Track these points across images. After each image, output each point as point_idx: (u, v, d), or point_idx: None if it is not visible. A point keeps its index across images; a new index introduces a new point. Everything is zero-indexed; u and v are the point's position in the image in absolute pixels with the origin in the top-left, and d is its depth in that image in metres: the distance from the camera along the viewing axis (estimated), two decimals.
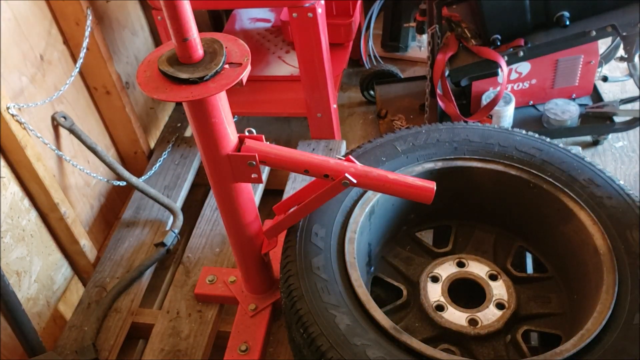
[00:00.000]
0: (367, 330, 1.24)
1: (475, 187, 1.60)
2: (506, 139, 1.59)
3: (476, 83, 2.20)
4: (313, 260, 1.37)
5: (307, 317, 1.27)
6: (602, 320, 1.23)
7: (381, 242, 1.64)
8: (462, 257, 1.56)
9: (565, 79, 2.23)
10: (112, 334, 1.76)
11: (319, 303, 1.28)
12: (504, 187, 1.56)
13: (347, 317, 1.26)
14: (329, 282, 1.33)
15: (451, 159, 1.59)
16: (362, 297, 1.30)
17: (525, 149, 1.56)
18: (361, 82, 2.64)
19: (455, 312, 1.44)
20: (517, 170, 1.54)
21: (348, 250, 1.39)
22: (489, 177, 1.57)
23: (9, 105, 1.63)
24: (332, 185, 1.33)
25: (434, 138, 1.62)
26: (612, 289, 1.27)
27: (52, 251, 1.86)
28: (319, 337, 1.23)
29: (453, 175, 1.58)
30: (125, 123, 2.20)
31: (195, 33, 1.15)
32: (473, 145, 1.60)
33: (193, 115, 1.28)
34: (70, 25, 1.92)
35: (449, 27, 2.12)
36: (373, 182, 1.34)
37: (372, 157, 1.57)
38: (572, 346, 1.20)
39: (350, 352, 1.20)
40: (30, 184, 1.74)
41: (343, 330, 1.23)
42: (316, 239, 1.41)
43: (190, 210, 2.18)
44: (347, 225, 1.44)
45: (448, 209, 1.66)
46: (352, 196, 1.51)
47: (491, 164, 1.56)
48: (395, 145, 1.61)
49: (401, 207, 1.62)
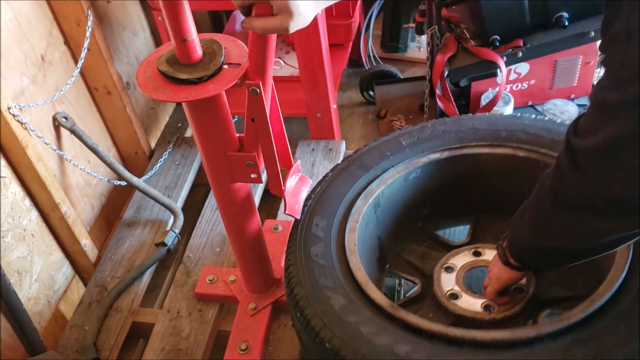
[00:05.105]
0: (362, 310, 1.22)
1: (486, 175, 1.55)
2: (514, 124, 1.55)
3: (475, 83, 2.20)
4: (312, 249, 1.35)
5: (303, 301, 1.26)
6: (614, 283, 1.17)
7: (394, 238, 1.60)
8: (479, 246, 1.51)
9: (564, 79, 2.23)
10: (112, 333, 1.77)
11: (315, 287, 1.27)
12: (515, 171, 1.50)
13: (343, 298, 1.25)
14: (327, 267, 1.32)
15: (457, 147, 1.54)
16: (360, 279, 1.28)
17: (534, 131, 1.51)
18: (361, 82, 2.64)
19: (469, 299, 1.39)
20: (526, 152, 1.48)
21: (348, 238, 1.37)
22: (498, 162, 1.52)
23: (10, 106, 1.64)
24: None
25: (440, 130, 1.58)
26: (626, 252, 1.21)
27: (53, 251, 1.87)
28: (313, 318, 1.22)
29: (461, 163, 1.54)
30: (126, 123, 2.21)
31: (195, 34, 1.16)
32: (480, 132, 1.55)
33: (192, 116, 1.29)
34: (71, 25, 1.93)
35: (448, 27, 2.13)
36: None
37: (377, 153, 1.55)
38: (581, 311, 1.14)
39: (343, 329, 1.18)
40: (31, 184, 1.75)
41: (338, 309, 1.22)
42: (316, 230, 1.40)
43: (190, 210, 2.19)
44: (349, 216, 1.42)
45: (462, 202, 1.60)
46: (355, 189, 1.49)
47: (499, 149, 1.51)
48: (400, 140, 1.58)
49: (411, 201, 1.58)
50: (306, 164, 2.18)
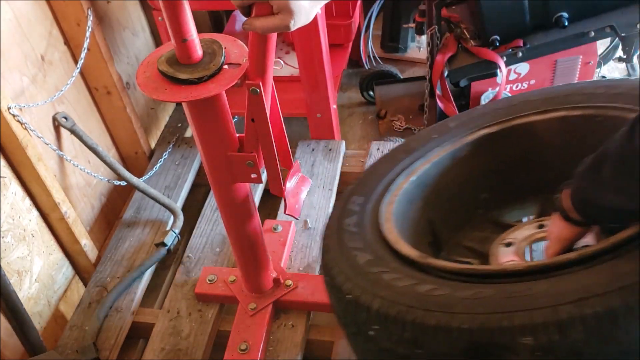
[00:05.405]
0: (389, 262, 1.17)
1: (543, 146, 1.43)
2: (570, 89, 1.44)
3: (475, 84, 2.20)
4: (345, 220, 1.32)
5: (331, 263, 1.23)
6: None
7: (451, 224, 1.48)
8: (545, 219, 1.34)
9: (564, 79, 2.23)
10: (112, 333, 1.77)
11: (344, 249, 1.23)
12: (573, 135, 1.38)
13: (369, 254, 1.20)
14: (359, 233, 1.27)
15: (507, 119, 1.43)
16: (390, 238, 1.22)
17: (590, 90, 1.39)
18: (361, 82, 2.64)
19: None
20: (581, 110, 1.36)
21: (385, 209, 1.31)
22: (552, 128, 1.40)
23: (10, 106, 1.64)
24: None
25: (490, 107, 1.50)
26: None
27: (53, 251, 1.87)
28: (337, 275, 1.18)
29: (513, 136, 1.43)
30: (126, 123, 2.21)
31: (195, 34, 1.16)
32: (532, 103, 1.44)
33: (192, 116, 1.29)
34: (71, 25, 1.93)
35: (448, 28, 2.13)
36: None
37: (422, 137, 1.49)
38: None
39: (364, 279, 1.13)
40: (31, 184, 1.75)
41: (362, 264, 1.17)
42: (352, 205, 1.36)
43: (190, 210, 2.19)
44: (387, 191, 1.36)
45: (523, 180, 1.47)
46: (397, 170, 1.42)
47: (551, 113, 1.39)
48: (448, 124, 1.51)
49: (465, 184, 1.47)
50: (306, 164, 2.18)
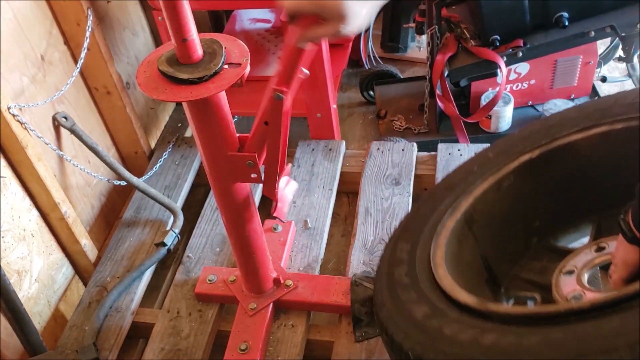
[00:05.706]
0: (447, 313, 1.13)
1: (589, 165, 1.39)
2: (608, 101, 1.40)
3: (475, 83, 2.21)
4: (395, 271, 1.29)
5: (386, 320, 1.19)
6: None
7: (507, 258, 1.44)
8: (602, 241, 1.30)
9: (564, 79, 2.24)
10: (112, 333, 1.77)
11: (397, 303, 1.20)
12: (618, 149, 1.33)
13: (426, 306, 1.16)
14: (411, 284, 1.23)
15: (548, 142, 1.39)
16: (445, 285, 1.17)
17: (630, 100, 1.35)
18: (361, 82, 2.64)
19: (596, 296, 1.18)
20: (623, 122, 1.31)
21: (435, 254, 1.27)
22: (596, 145, 1.36)
23: (9, 105, 1.64)
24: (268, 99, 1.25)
25: (527, 131, 1.46)
26: None
27: (53, 251, 1.87)
28: (396, 333, 1.15)
29: (556, 159, 1.39)
30: (126, 123, 2.21)
31: (195, 33, 1.16)
32: (570, 121, 1.40)
33: (193, 116, 1.29)
34: (71, 25, 1.92)
35: (448, 27, 2.13)
36: None
37: (464, 168, 1.45)
38: None
39: (425, 335, 1.09)
40: (31, 184, 1.74)
41: (420, 318, 1.14)
42: (400, 253, 1.33)
43: (190, 210, 2.19)
44: (434, 234, 1.32)
45: (574, 203, 1.43)
46: (442, 210, 1.38)
47: (592, 130, 1.35)
48: (487, 153, 1.47)
49: (513, 214, 1.43)
50: (306, 163, 2.18)
